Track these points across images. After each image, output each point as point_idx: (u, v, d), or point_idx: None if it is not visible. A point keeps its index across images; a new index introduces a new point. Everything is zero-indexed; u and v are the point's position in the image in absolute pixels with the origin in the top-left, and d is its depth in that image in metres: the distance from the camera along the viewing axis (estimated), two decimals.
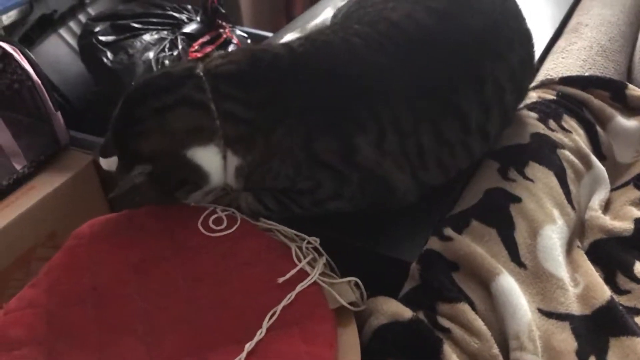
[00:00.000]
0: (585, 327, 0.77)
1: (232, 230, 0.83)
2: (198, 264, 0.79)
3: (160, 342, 0.70)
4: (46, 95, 1.18)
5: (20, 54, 1.15)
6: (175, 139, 0.79)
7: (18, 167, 1.11)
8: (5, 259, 1.02)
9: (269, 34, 1.65)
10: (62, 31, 1.59)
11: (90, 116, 1.39)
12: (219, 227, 0.83)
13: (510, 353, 0.72)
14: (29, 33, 1.52)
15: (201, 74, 0.79)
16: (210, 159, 0.80)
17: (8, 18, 1.47)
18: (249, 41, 1.62)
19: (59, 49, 1.56)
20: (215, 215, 0.85)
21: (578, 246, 0.90)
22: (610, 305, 0.79)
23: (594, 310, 0.79)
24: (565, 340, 0.75)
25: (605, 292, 0.80)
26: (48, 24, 1.56)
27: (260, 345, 0.70)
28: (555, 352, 0.73)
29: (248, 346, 0.69)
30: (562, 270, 0.83)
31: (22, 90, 1.15)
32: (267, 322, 0.71)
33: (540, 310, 0.78)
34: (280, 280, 0.76)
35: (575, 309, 0.80)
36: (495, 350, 0.72)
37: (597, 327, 0.77)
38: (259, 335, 0.70)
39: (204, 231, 0.83)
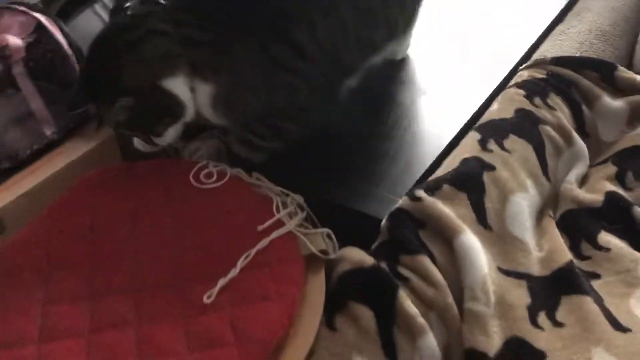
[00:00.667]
0: (541, 286, 0.82)
1: (221, 183, 0.91)
2: (186, 212, 0.87)
3: (144, 274, 0.78)
4: (77, 67, 1.23)
5: (55, 26, 1.20)
6: (149, 69, 0.88)
7: (48, 132, 1.15)
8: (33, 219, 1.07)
9: None
10: (97, 6, 1.68)
11: None
12: (209, 180, 0.91)
13: (464, 303, 0.78)
14: (65, 7, 1.62)
15: (160, 9, 0.90)
16: (182, 89, 0.89)
17: None
18: None
19: (93, 23, 1.65)
20: (207, 170, 0.92)
21: (550, 216, 0.94)
22: (568, 267, 0.83)
23: (553, 271, 0.84)
24: (519, 296, 0.80)
25: (566, 256, 0.85)
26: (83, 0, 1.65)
27: (232, 282, 0.77)
28: (507, 305, 0.78)
29: (221, 281, 0.76)
30: (527, 235, 0.88)
31: (55, 61, 1.19)
32: (242, 262, 0.78)
33: (500, 269, 0.83)
34: (260, 228, 0.83)
35: (535, 270, 0.85)
36: (450, 299, 0.77)
37: (552, 286, 0.82)
38: (233, 273, 0.77)
39: (195, 183, 0.91)
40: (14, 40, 1.11)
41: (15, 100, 1.12)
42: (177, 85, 0.90)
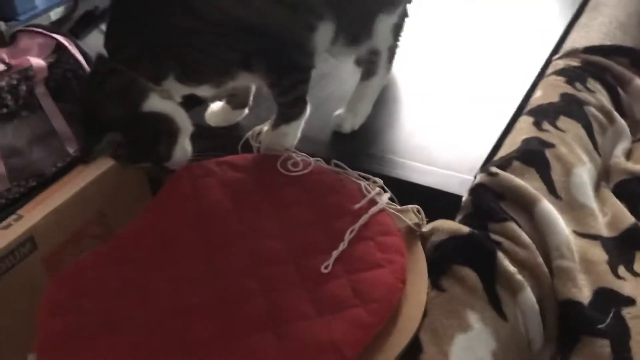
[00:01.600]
0: (614, 245, 0.91)
1: (308, 170, 0.98)
2: (283, 196, 0.94)
3: (259, 252, 0.85)
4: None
5: (73, 45, 1.23)
6: (124, 101, 0.92)
7: (71, 150, 1.17)
8: (61, 236, 1.09)
9: None
10: (104, 26, 1.73)
11: None
12: (296, 169, 0.98)
13: (552, 262, 0.86)
14: (74, 28, 1.66)
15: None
16: (163, 103, 0.94)
17: (55, 14, 1.58)
18: None
19: (100, 43, 1.71)
20: (292, 160, 0.99)
21: (604, 186, 1.04)
22: (634, 227, 0.92)
23: (621, 232, 0.93)
24: (597, 253, 0.89)
25: (629, 218, 0.94)
26: (91, 20, 1.69)
27: (343, 254, 0.84)
28: (590, 262, 0.87)
29: (335, 253, 0.83)
30: (592, 202, 0.97)
31: (73, 80, 1.22)
32: (348, 236, 0.86)
33: (575, 232, 0.92)
34: (356, 206, 0.90)
35: (604, 232, 0.94)
36: (540, 259, 0.86)
37: (623, 245, 0.91)
38: (342, 245, 0.84)
39: (283, 171, 0.98)
40: (37, 62, 1.15)
41: (38, 120, 1.15)
42: (156, 102, 0.94)
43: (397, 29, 1.13)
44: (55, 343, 0.74)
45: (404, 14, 1.13)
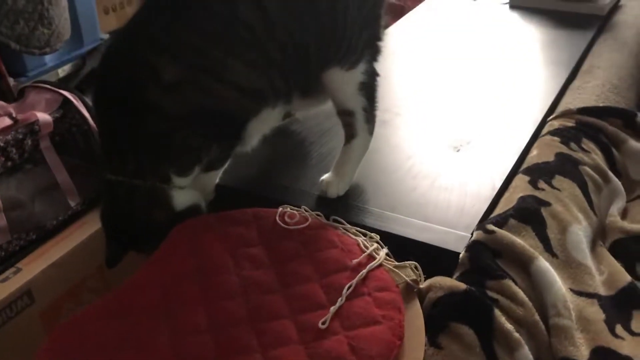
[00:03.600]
0: (611, 304, 0.92)
1: (306, 224, 0.99)
2: (282, 249, 0.94)
3: (258, 306, 0.85)
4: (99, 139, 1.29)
5: (79, 100, 1.27)
6: (160, 211, 1.01)
7: (72, 204, 1.19)
8: (59, 289, 1.10)
9: None
10: None
11: None
12: (293, 221, 0.99)
13: (549, 320, 0.86)
14: (81, 84, 1.69)
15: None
16: (186, 195, 1.05)
17: (63, 71, 1.64)
18: None
19: None
20: (288, 212, 1.01)
21: (600, 245, 1.05)
22: (631, 286, 0.93)
23: (617, 291, 0.94)
24: (594, 312, 0.89)
25: (626, 277, 0.95)
26: None
27: (341, 309, 0.84)
28: (587, 320, 0.87)
29: (333, 308, 0.83)
30: (588, 260, 0.98)
31: (78, 135, 1.26)
32: (346, 291, 0.86)
33: (572, 290, 0.92)
34: (355, 261, 0.91)
35: (601, 290, 0.94)
36: (537, 317, 0.86)
37: (620, 304, 0.91)
38: (340, 301, 0.85)
39: (282, 224, 0.99)
40: (44, 117, 1.18)
41: (41, 173, 1.18)
42: (181, 198, 1.04)
43: (367, 89, 1.09)
44: None
45: (372, 73, 1.10)
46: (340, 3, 1.01)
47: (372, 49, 1.09)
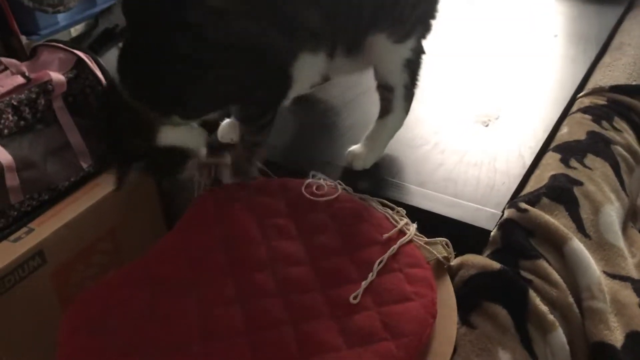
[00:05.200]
0: None
1: (334, 196, 0.96)
2: (310, 221, 0.92)
3: (286, 279, 0.83)
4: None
5: (92, 61, 1.24)
6: (138, 137, 0.94)
7: (84, 165, 1.17)
8: (71, 251, 1.09)
9: None
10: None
11: None
12: (321, 192, 0.97)
13: (583, 302, 0.84)
14: (94, 45, 1.66)
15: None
16: (175, 134, 0.95)
17: (75, 31, 1.59)
18: None
19: None
20: (317, 184, 0.98)
21: (631, 226, 1.02)
22: None
23: None
24: (628, 295, 0.87)
25: None
26: (110, 37, 1.69)
27: (372, 285, 0.82)
28: (621, 304, 0.85)
29: (364, 283, 0.81)
30: (620, 242, 0.95)
31: (91, 96, 1.23)
32: (377, 267, 0.84)
33: (605, 272, 0.90)
34: (385, 236, 0.88)
35: (634, 274, 0.92)
36: (571, 299, 0.84)
37: None
38: (371, 276, 0.82)
39: (308, 196, 0.96)
40: (57, 76, 1.15)
41: (54, 133, 1.15)
42: (168, 136, 0.95)
43: (412, 66, 1.05)
44: None
45: (419, 50, 1.07)
46: None
47: (423, 26, 1.05)
